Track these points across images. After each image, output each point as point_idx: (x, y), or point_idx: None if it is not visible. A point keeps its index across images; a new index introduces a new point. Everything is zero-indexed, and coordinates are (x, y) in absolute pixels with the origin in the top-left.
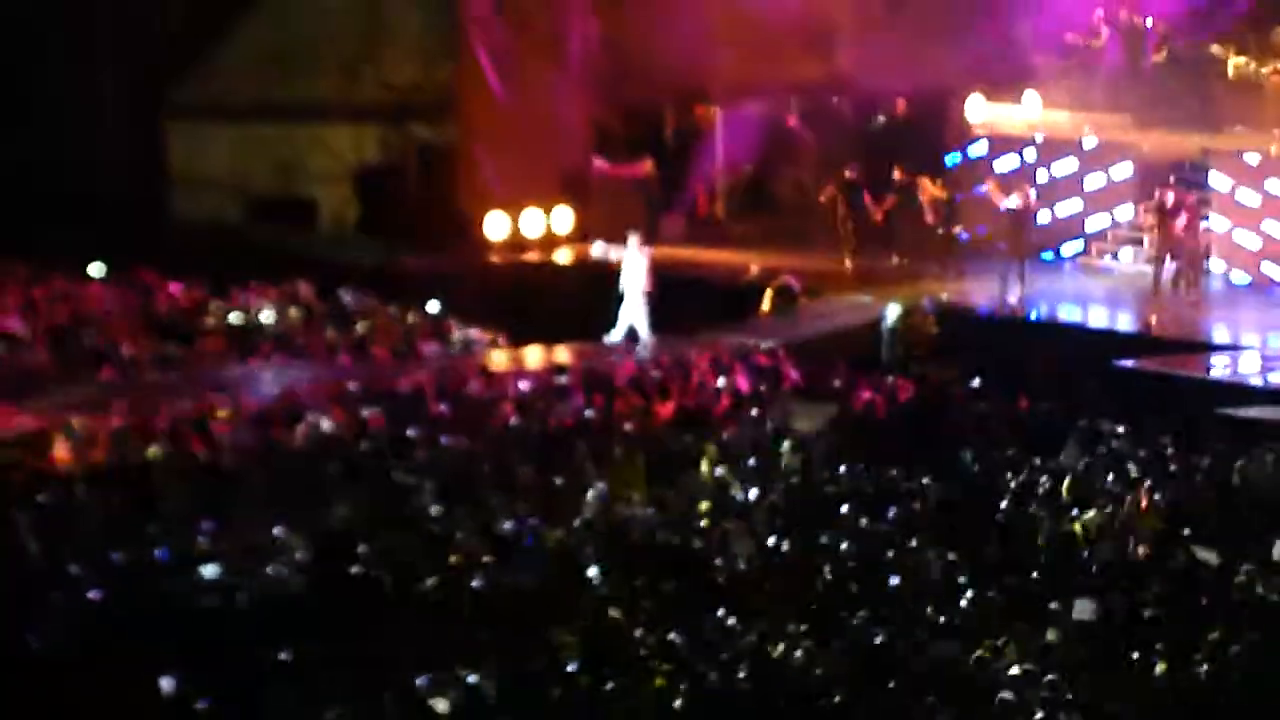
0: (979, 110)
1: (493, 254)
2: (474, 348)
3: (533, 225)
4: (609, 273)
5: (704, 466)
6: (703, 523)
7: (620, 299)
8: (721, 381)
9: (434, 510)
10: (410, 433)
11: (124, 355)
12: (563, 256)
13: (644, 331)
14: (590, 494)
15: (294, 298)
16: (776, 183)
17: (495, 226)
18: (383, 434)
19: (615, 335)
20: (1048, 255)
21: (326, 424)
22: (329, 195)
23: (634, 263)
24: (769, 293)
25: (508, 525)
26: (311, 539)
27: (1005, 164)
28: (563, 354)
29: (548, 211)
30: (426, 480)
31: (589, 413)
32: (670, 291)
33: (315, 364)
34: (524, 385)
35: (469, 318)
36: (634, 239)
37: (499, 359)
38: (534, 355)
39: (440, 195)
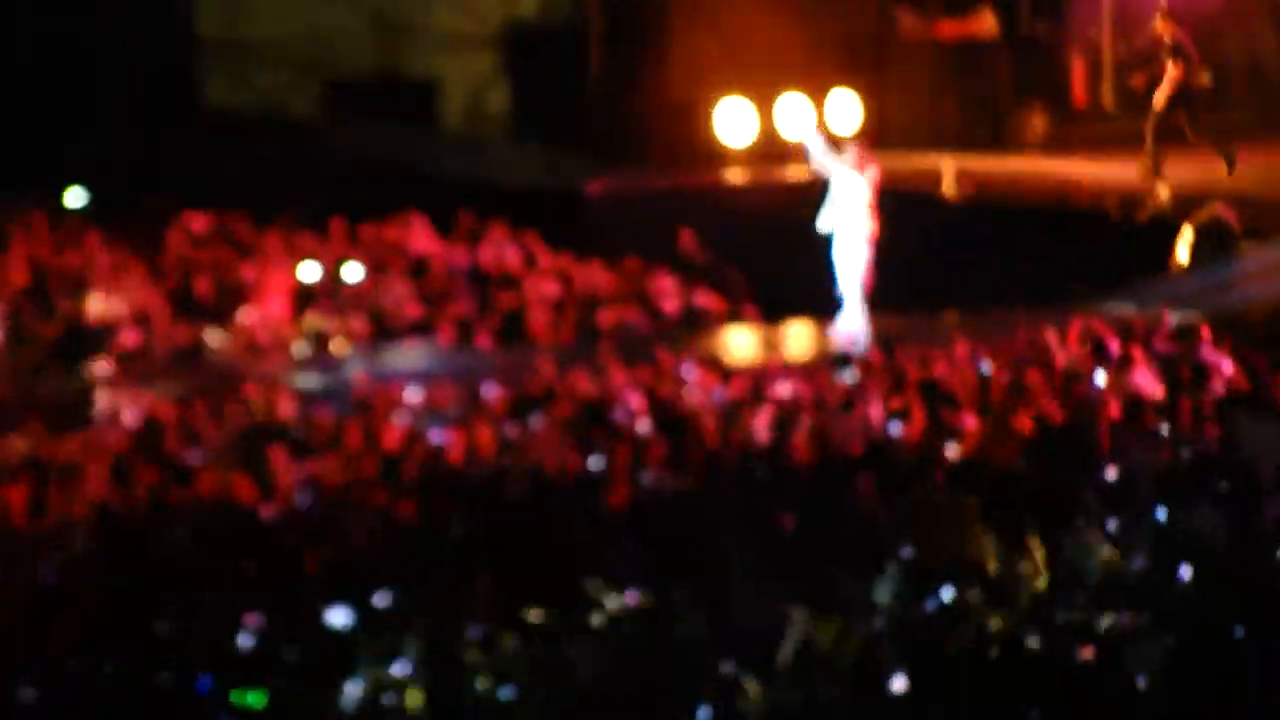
0: None
1: (729, 169)
2: (699, 325)
3: (794, 122)
4: (924, 193)
5: (1081, 522)
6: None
7: (829, 255)
8: (1104, 379)
9: (618, 600)
10: (593, 465)
11: (122, 337)
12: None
13: (856, 307)
14: (891, 563)
15: (402, 242)
16: (1202, 52)
17: (733, 125)
18: (546, 468)
19: (849, 321)
20: None
21: (448, 448)
22: (458, 74)
23: (851, 189)
24: (1189, 232)
25: (755, 615)
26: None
27: None
28: (844, 333)
29: (819, 99)
30: (619, 546)
31: (893, 428)
32: (1023, 230)
33: (436, 350)
34: (782, 388)
35: (690, 276)
36: (851, 153)
37: (739, 344)
38: (798, 336)
39: (641, 74)
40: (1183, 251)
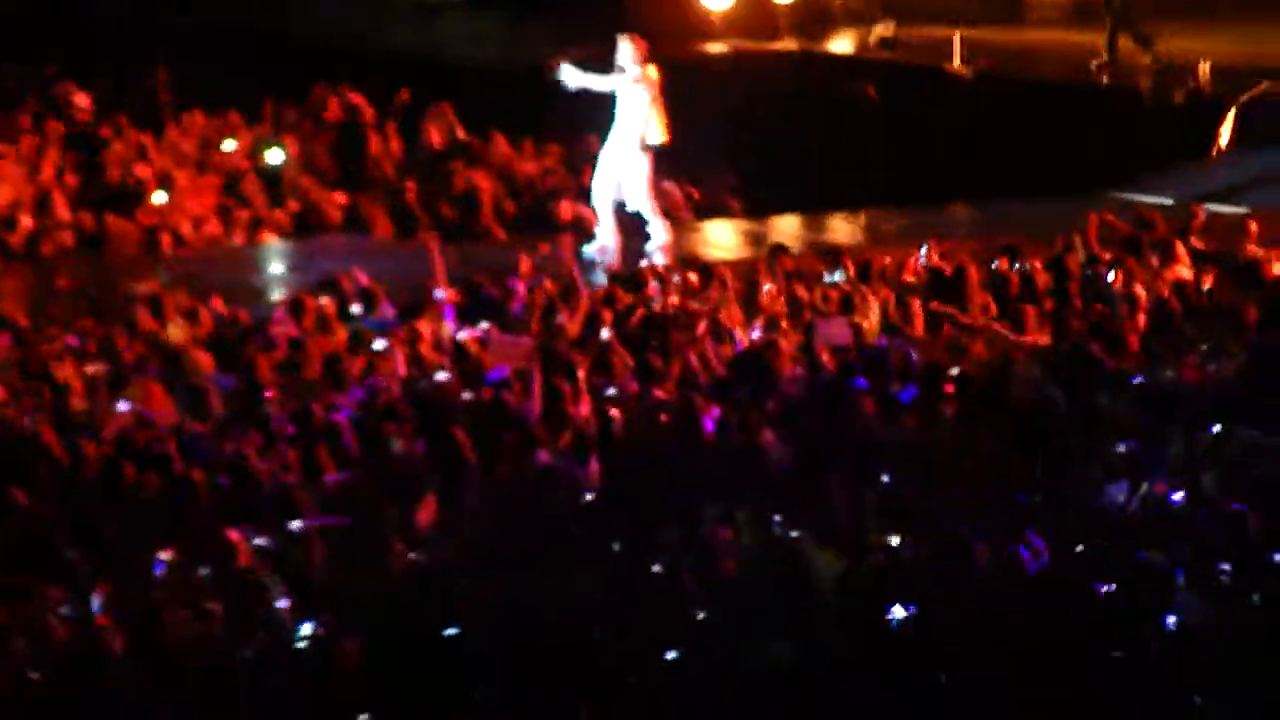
0: None
1: (713, 39)
2: (671, 218)
3: None
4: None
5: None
6: None
7: (597, 159)
8: (1130, 281)
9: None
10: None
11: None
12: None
13: (648, 211)
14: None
15: (334, 120)
16: None
17: None
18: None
19: (603, 230)
20: None
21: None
22: None
23: (630, 91)
24: (1233, 112)
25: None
26: None
27: None
28: (840, 230)
29: None
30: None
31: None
32: (1041, 110)
33: (370, 244)
34: (768, 290)
35: (667, 161)
36: (626, 45)
37: (718, 240)
38: (785, 230)
39: None
40: (1225, 133)
